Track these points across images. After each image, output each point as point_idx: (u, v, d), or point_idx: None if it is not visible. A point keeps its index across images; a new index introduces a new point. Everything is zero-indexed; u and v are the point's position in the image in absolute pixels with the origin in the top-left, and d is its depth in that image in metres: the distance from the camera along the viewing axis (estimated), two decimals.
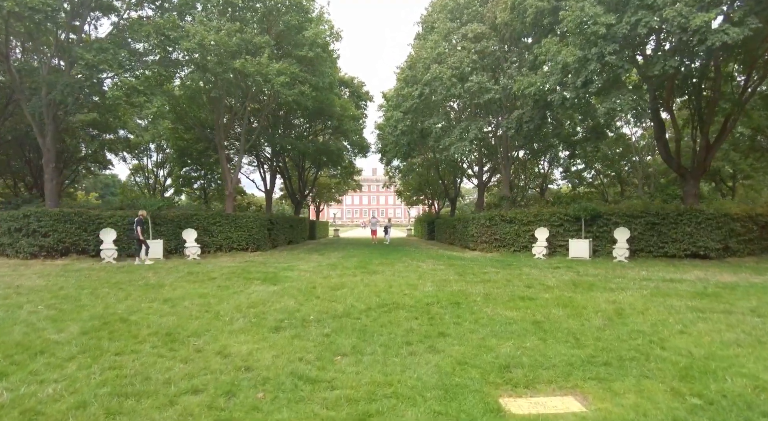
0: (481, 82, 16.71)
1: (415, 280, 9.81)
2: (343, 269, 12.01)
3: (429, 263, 13.94)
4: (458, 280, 9.83)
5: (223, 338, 5.03)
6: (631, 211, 16.87)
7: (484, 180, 26.97)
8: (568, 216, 17.59)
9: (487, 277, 10.46)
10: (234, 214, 19.42)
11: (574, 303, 7.09)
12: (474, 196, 74.55)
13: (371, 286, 8.90)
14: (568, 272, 11.79)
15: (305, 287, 8.80)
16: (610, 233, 16.72)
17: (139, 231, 14.84)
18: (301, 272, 11.29)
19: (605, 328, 5.55)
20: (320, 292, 8.15)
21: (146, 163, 35.74)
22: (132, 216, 17.39)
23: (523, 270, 12.10)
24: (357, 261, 14.70)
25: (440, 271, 11.70)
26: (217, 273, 11.19)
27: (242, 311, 6.48)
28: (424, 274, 10.96)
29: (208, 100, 20.72)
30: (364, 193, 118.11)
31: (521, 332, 5.28)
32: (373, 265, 13.42)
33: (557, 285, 9.18)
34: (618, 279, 10.26)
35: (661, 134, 18.26)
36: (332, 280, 9.84)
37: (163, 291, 8.44)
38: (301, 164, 33.03)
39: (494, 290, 8.36)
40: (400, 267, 12.66)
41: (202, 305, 7.04)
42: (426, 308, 6.64)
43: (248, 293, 8.21)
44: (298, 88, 17.22)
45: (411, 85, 19.39)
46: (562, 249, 17.57)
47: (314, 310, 6.51)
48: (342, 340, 4.86)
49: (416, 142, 20.79)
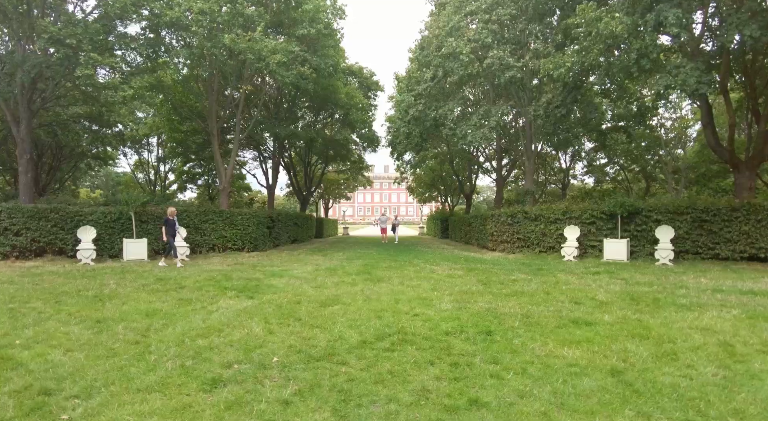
0: (502, 58, 14.57)
1: (429, 291, 7.83)
2: (342, 276, 10.08)
3: (444, 267, 11.94)
4: (483, 291, 7.83)
5: (119, 403, 3.13)
6: (676, 206, 14.62)
7: (503, 174, 24.77)
8: (602, 213, 15.43)
9: (517, 286, 8.44)
10: (229, 211, 17.66)
11: (651, 331, 5.05)
12: (489, 193, 71.92)
13: (373, 300, 6.96)
14: (613, 279, 9.71)
15: (288, 302, 6.88)
16: (650, 232, 14.57)
17: (164, 231, 13.48)
18: (291, 280, 9.39)
19: (727, 384, 3.52)
20: (304, 311, 6.22)
21: (148, 159, 34.30)
22: (113, 213, 15.75)
23: (558, 277, 10.05)
24: (361, 264, 12.77)
25: (459, 278, 9.70)
26: (191, 280, 9.35)
27: (183, 345, 4.58)
28: (439, 282, 8.97)
29: (202, 87, 19.02)
30: (375, 191, 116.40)
31: (600, 395, 3.27)
32: (380, 269, 11.47)
33: (611, 299, 7.12)
34: (681, 290, 8.16)
35: (709, 119, 15.95)
36: (326, 291, 7.92)
37: (108, 306, 6.61)
38: (306, 159, 31.24)
39: (534, 309, 6.34)
40: (410, 272, 10.69)
41: (138, 331, 5.17)
42: (445, 340, 4.66)
43: (210, 310, 6.33)
44: (296, 69, 15.31)
45: (423, 67, 17.33)
46: (594, 250, 15.48)
47: (285, 344, 4.58)
48: (308, 415, 2.91)
49: (429, 131, 18.69)
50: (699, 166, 31.33)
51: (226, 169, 17.85)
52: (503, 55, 14.69)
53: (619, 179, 38.01)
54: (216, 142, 17.56)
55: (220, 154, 18.07)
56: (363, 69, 26.57)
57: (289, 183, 32.89)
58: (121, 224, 15.90)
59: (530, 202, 18.09)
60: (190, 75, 19.45)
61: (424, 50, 16.86)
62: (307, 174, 31.73)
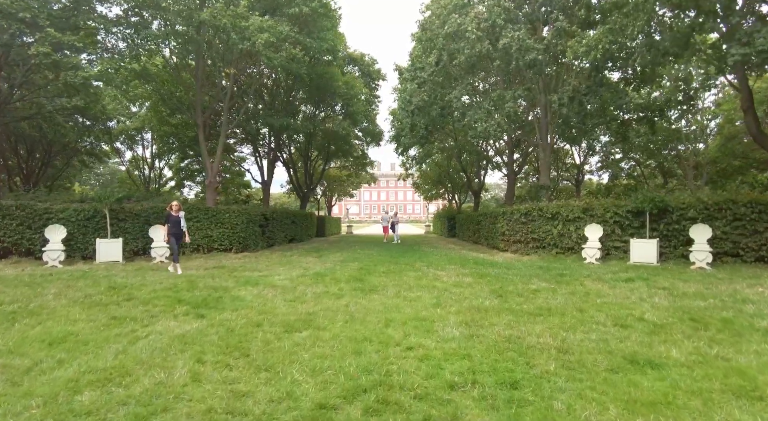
0: (521, 39, 12.85)
1: (431, 307, 6.21)
2: (329, 284, 8.50)
3: (451, 273, 10.31)
4: (499, 307, 6.20)
5: None
6: (714, 202, 12.85)
7: (514, 169, 23.01)
8: (628, 210, 13.75)
9: (540, 300, 6.80)
10: (215, 208, 16.14)
11: (756, 381, 3.42)
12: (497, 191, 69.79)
13: (356, 322, 5.37)
14: (652, 288, 8.04)
15: (245, 324, 5.31)
16: (682, 232, 12.86)
17: (164, 230, 11.29)
18: (265, 289, 7.82)
19: None
20: (260, 340, 4.63)
21: (143, 155, 32.91)
22: (87, 211, 14.34)
23: (586, 285, 8.40)
24: (355, 268, 11.19)
25: (467, 287, 8.07)
26: (147, 290, 7.83)
27: (56, 403, 3.04)
28: (444, 293, 7.35)
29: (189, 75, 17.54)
30: (382, 189, 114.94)
31: None
32: (375, 275, 9.88)
33: (666, 321, 5.46)
34: (746, 305, 6.47)
35: (750, 104, 14.14)
36: (301, 307, 6.33)
37: (14, 329, 5.09)
38: (307, 153, 29.66)
39: (570, 337, 4.70)
40: (410, 279, 9.07)
41: (16, 371, 3.64)
42: (450, 401, 3.05)
43: (138, 337, 4.77)
44: (287, 51, 13.71)
45: (427, 50, 15.64)
46: (618, 251, 13.81)
47: (204, 404, 3.01)
48: None
49: (435, 122, 16.99)
50: (720, 162, 29.38)
51: (212, 163, 16.31)
52: (521, 34, 12.95)
53: (635, 175, 36.09)
54: (201, 134, 16.04)
55: (206, 148, 16.56)
56: (364, 56, 24.87)
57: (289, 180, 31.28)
58: (95, 222, 14.55)
59: (546, 199, 16.37)
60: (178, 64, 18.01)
61: (426, 32, 15.14)
62: (307, 170, 30.16)
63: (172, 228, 10.95)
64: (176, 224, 11.02)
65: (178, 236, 11.05)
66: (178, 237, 11.05)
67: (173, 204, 11.26)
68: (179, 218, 11.09)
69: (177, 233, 11.00)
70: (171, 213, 11.04)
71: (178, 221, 11.04)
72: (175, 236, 10.96)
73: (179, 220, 11.07)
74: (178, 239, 11.05)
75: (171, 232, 10.94)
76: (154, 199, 17.57)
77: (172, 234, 10.95)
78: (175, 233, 10.96)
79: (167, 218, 11.08)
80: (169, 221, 11.00)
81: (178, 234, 11.05)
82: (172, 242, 10.94)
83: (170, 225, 10.96)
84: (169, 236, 10.98)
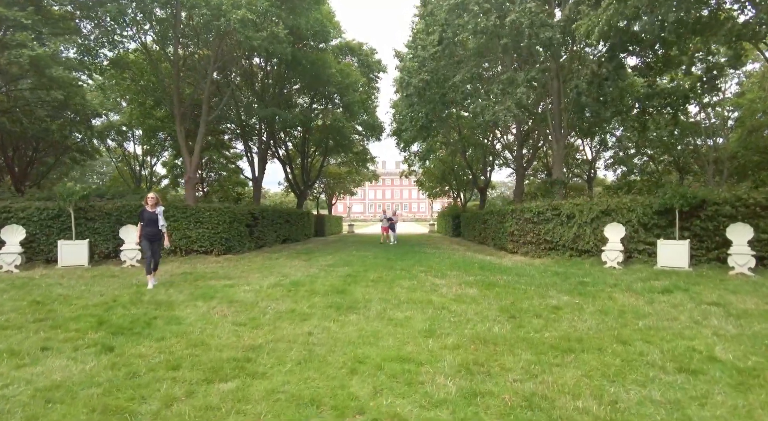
0: (532, 13, 11.24)
1: (420, 338, 4.64)
2: (302, 298, 6.96)
3: (452, 280, 8.76)
4: (512, 338, 4.61)
5: None
6: (754, 199, 11.15)
7: (523, 163, 21.34)
8: (653, 208, 12.15)
9: (565, 323, 5.24)
10: (194, 206, 14.69)
11: None
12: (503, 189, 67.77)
13: (313, 363, 3.82)
14: (698, 303, 6.45)
15: (157, 364, 3.77)
16: (717, 232, 11.24)
17: (137, 229, 8.95)
18: (219, 306, 6.30)
19: None
20: (159, 398, 3.11)
21: (134, 151, 31.67)
22: (51, 210, 12.97)
23: (617, 299, 6.81)
24: (342, 275, 9.66)
25: (471, 303, 6.51)
26: (76, 306, 6.36)
27: None
28: (440, 313, 5.79)
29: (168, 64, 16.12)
30: (387, 187, 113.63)
31: None
32: (362, 284, 8.35)
33: (750, 362, 3.88)
34: None
35: None
36: (249, 335, 4.77)
37: None
38: (304, 149, 28.18)
39: (622, 396, 3.12)
40: (402, 291, 7.53)
41: None
42: None
43: None
44: (268, 29, 12.19)
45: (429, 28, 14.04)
46: (642, 254, 12.23)
47: None
48: None
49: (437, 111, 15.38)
50: (741, 157, 27.53)
51: (191, 157, 14.83)
52: (533, 7, 11.32)
53: (648, 172, 34.25)
54: (178, 125, 14.57)
55: (185, 141, 15.10)
56: (362, 45, 23.30)
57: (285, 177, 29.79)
58: (61, 222, 13.22)
59: (560, 195, 14.73)
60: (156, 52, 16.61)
61: (428, 5, 13.53)
62: (304, 166, 28.67)
63: (146, 228, 8.51)
64: (152, 222, 8.53)
65: (155, 238, 8.58)
66: (155, 239, 8.58)
67: (149, 197, 8.67)
68: (156, 216, 8.58)
69: (153, 234, 8.53)
70: (146, 209, 8.58)
71: (154, 218, 8.55)
72: (150, 237, 8.51)
73: (156, 218, 8.57)
74: (155, 241, 8.60)
75: (145, 233, 8.51)
76: (128, 197, 16.17)
77: (146, 236, 8.50)
78: (150, 235, 8.52)
79: (141, 216, 8.65)
80: (144, 219, 8.55)
81: (155, 235, 8.57)
82: (146, 246, 8.47)
83: (145, 224, 8.53)
84: (142, 237, 8.52)
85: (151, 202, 8.59)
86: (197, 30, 13.28)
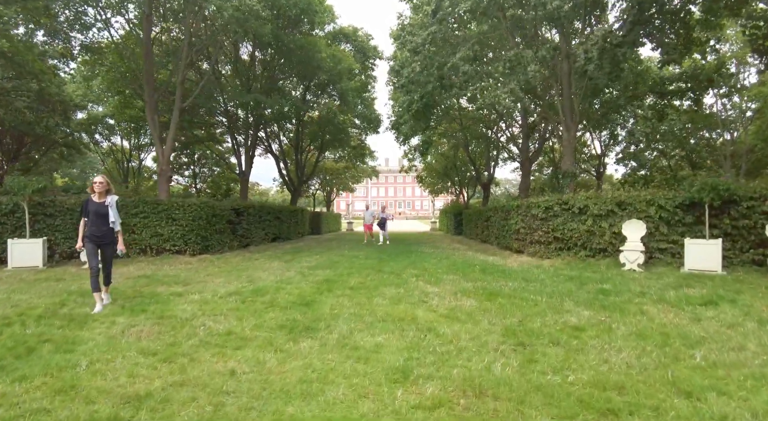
0: None
1: (386, 385, 3.16)
2: (252, 314, 5.53)
3: (447, 288, 7.32)
4: (521, 385, 3.18)
5: None
6: None
7: (529, 156, 19.81)
8: (679, 202, 10.70)
9: (594, 356, 3.79)
10: (167, 201, 13.35)
11: None
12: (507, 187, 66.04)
13: None
14: (759, 322, 5.01)
15: None
16: (754, 230, 9.84)
17: (80, 226, 6.02)
18: (142, 324, 4.88)
19: None
20: None
21: (121, 145, 30.37)
22: (5, 205, 11.66)
23: (652, 315, 5.36)
24: (318, 281, 8.25)
25: (466, 321, 5.06)
26: None
27: None
28: (423, 340, 4.33)
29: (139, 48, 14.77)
30: (389, 184, 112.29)
31: None
32: (338, 291, 6.94)
33: None
34: None
35: None
36: (146, 375, 3.37)
37: None
38: (298, 143, 26.77)
39: None
40: (383, 302, 6.10)
41: None
42: None
43: None
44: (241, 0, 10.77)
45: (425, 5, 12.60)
46: (664, 254, 10.80)
47: None
48: None
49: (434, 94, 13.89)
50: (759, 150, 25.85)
51: (164, 147, 13.45)
52: None
53: (659, 167, 32.57)
54: (149, 112, 13.19)
55: (158, 129, 13.72)
56: (357, 30, 21.82)
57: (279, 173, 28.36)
58: (16, 218, 11.91)
59: (571, 189, 13.23)
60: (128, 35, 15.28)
61: None
62: (298, 161, 27.28)
63: (92, 226, 5.83)
64: (100, 217, 5.85)
65: (104, 240, 5.92)
66: (104, 242, 5.94)
67: (95, 182, 5.98)
68: (106, 208, 5.91)
69: (102, 234, 5.88)
70: (91, 199, 5.96)
71: (103, 212, 5.89)
72: (97, 239, 5.86)
73: (106, 211, 5.90)
74: (104, 244, 5.96)
75: (89, 233, 5.83)
76: None
77: (91, 237, 5.82)
78: (97, 236, 5.85)
79: (84, 208, 5.97)
80: (88, 213, 5.89)
81: (104, 236, 5.90)
82: (91, 251, 5.85)
83: (89, 220, 5.85)
84: (86, 239, 5.86)
85: (99, 188, 5.90)
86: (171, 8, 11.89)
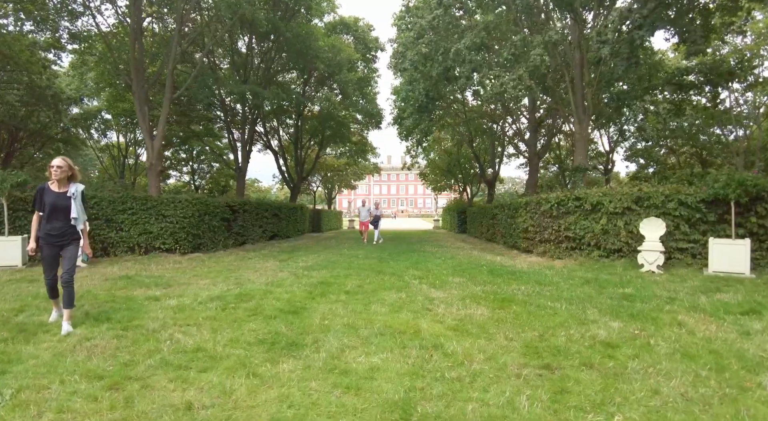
0: None
1: None
2: (231, 324, 4.83)
3: (454, 293, 6.62)
4: (553, 418, 2.52)
5: None
6: None
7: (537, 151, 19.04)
8: (701, 199, 9.98)
9: (636, 378, 3.07)
10: (157, 197, 12.69)
11: None
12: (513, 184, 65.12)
13: None
14: None
15: None
16: None
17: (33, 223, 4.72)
18: (92, 340, 4.17)
19: None
20: None
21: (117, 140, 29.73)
22: None
23: (692, 327, 4.63)
24: (313, 283, 7.56)
25: (479, 334, 4.34)
26: None
27: None
28: (426, 364, 3.63)
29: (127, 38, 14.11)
30: (392, 182, 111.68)
31: None
32: (333, 296, 6.24)
33: None
34: None
35: None
36: (83, 412, 2.74)
37: None
38: (297, 138, 26.06)
39: None
40: (383, 310, 5.41)
41: None
42: None
43: None
44: None
45: None
46: (684, 255, 10.09)
47: None
48: None
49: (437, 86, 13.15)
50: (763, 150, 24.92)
51: (153, 141, 12.77)
52: None
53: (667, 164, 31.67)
54: (138, 103, 12.51)
55: (147, 122, 13.04)
56: (358, 20, 21.07)
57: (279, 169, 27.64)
58: None
59: (583, 185, 12.47)
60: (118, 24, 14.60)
61: None
62: (298, 157, 26.58)
63: (48, 223, 4.51)
64: (59, 211, 4.51)
65: (64, 240, 4.58)
66: (64, 242, 4.59)
67: (52, 166, 4.55)
68: (68, 200, 4.54)
69: (61, 232, 4.54)
70: (48, 187, 4.55)
71: (64, 205, 4.52)
72: (54, 239, 4.54)
73: (68, 204, 4.54)
74: (65, 245, 4.60)
75: (45, 232, 4.52)
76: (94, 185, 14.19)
77: (46, 237, 4.52)
78: (54, 235, 4.53)
79: (38, 199, 4.54)
80: (43, 205, 4.50)
81: (64, 235, 4.56)
82: (48, 255, 4.59)
83: (45, 215, 4.50)
84: (40, 240, 4.56)
85: (58, 175, 4.50)
86: None
